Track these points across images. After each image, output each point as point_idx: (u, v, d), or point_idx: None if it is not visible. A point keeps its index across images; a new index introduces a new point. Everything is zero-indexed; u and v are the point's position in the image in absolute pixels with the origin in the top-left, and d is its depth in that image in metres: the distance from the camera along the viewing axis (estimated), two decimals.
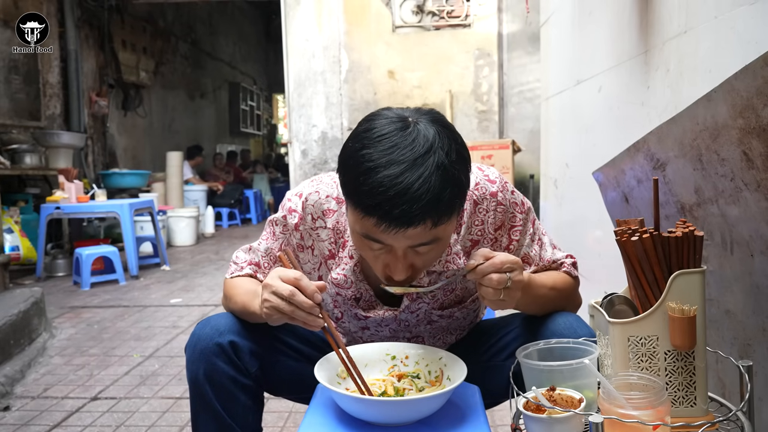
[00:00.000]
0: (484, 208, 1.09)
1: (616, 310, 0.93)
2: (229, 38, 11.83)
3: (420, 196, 0.85)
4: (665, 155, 1.44)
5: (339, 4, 5.34)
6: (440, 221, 0.89)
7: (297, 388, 1.18)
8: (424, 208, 0.86)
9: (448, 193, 0.88)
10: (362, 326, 1.18)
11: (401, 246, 0.92)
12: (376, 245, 0.94)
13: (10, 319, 2.80)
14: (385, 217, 0.86)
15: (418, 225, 0.87)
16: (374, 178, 0.86)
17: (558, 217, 2.89)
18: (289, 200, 1.15)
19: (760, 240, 1.11)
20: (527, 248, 1.13)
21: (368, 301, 1.14)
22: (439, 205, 0.87)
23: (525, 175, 5.03)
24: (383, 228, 0.88)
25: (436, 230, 0.90)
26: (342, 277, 1.12)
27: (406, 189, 0.85)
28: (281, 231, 1.15)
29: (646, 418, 0.75)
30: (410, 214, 0.85)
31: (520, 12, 5.16)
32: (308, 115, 5.48)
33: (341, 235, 1.11)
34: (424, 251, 0.94)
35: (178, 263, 5.61)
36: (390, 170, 0.86)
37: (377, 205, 0.86)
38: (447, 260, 1.09)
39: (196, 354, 1.06)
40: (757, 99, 1.03)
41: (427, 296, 1.12)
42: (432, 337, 1.22)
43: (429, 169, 0.86)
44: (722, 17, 1.15)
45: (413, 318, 1.15)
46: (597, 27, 2.06)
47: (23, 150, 5.22)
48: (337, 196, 1.11)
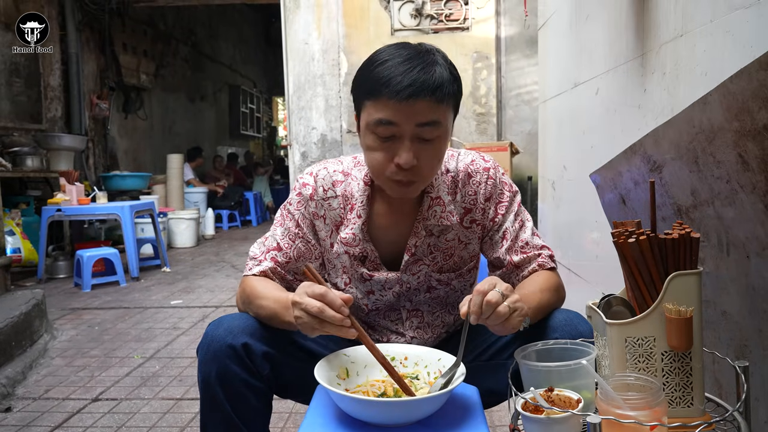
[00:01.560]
0: (477, 180, 1.20)
1: (614, 312, 0.94)
2: (229, 41, 11.85)
3: (425, 74, 1.00)
4: (662, 157, 1.45)
5: (338, 8, 5.36)
6: (443, 100, 1.02)
7: (305, 389, 1.18)
8: (429, 83, 1.00)
9: (447, 79, 1.03)
10: (367, 290, 1.23)
11: (409, 126, 1.02)
12: (387, 131, 1.03)
13: (12, 320, 2.81)
14: (397, 87, 0.99)
15: (424, 96, 1.00)
16: (386, 65, 1.02)
17: (555, 218, 2.90)
18: (301, 178, 1.25)
19: (756, 241, 1.12)
20: (509, 224, 1.20)
21: (373, 262, 1.21)
22: (442, 86, 1.02)
23: (523, 177, 5.04)
24: (395, 100, 0.99)
25: (438, 111, 1.03)
26: (350, 235, 1.19)
27: (413, 68, 1.00)
28: (296, 206, 1.22)
29: (644, 419, 0.76)
30: (417, 84, 0.99)
31: (518, 15, 5.18)
32: (308, 117, 5.50)
33: (349, 200, 1.20)
34: (428, 137, 1.04)
35: (178, 265, 5.62)
36: (398, 59, 1.02)
37: (389, 80, 1.00)
38: (441, 216, 1.18)
39: (209, 355, 1.06)
40: (753, 102, 1.04)
41: (427, 258, 1.20)
42: (431, 312, 1.26)
43: (431, 60, 1.03)
44: (718, 21, 1.16)
45: (414, 280, 1.21)
46: (594, 30, 2.07)
47: (24, 152, 5.23)
48: (342, 170, 1.23)
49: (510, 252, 1.20)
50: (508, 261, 1.19)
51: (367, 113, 1.05)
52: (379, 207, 1.20)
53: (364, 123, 1.07)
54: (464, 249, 1.22)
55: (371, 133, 1.06)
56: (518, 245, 1.20)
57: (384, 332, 1.28)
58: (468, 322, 0.96)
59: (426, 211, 1.18)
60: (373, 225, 1.20)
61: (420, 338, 1.25)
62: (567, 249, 2.70)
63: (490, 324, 0.95)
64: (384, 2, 5.34)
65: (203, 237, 7.46)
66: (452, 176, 1.20)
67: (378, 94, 1.02)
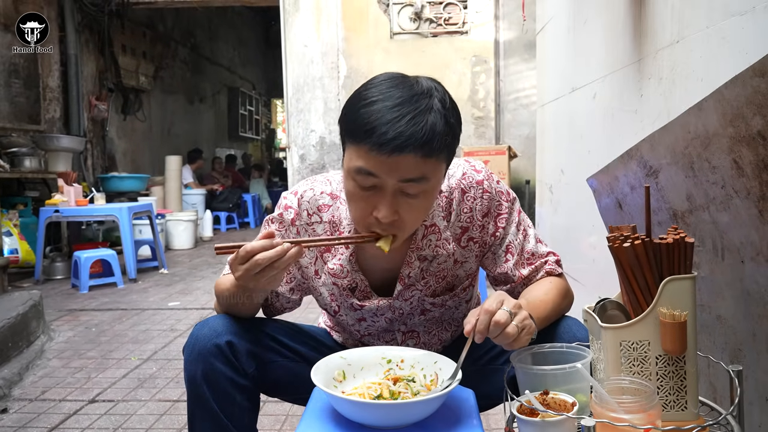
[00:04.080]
0: (471, 196, 1.13)
1: (609, 315, 0.94)
2: (228, 43, 11.86)
3: (414, 125, 0.90)
4: (658, 162, 1.46)
5: (338, 11, 5.38)
6: (431, 154, 0.93)
7: (293, 389, 1.19)
8: (417, 137, 0.90)
9: (440, 132, 0.93)
10: (358, 317, 1.20)
11: (392, 180, 0.94)
12: (368, 182, 0.96)
13: (9, 321, 2.80)
14: (380, 139, 0.90)
15: (410, 152, 0.90)
16: (372, 108, 0.92)
17: (553, 222, 2.91)
18: (285, 198, 1.18)
19: (751, 246, 1.13)
20: (512, 237, 1.15)
21: (363, 291, 1.16)
22: (433, 138, 0.92)
23: (521, 180, 5.05)
24: (376, 152, 0.91)
25: (426, 166, 0.94)
26: (338, 267, 1.14)
27: (402, 117, 0.90)
28: (277, 228, 1.17)
29: (638, 422, 0.76)
30: (403, 137, 0.90)
31: (516, 20, 5.20)
32: (306, 120, 5.51)
33: (336, 227, 1.14)
34: (412, 193, 0.96)
35: (176, 267, 5.62)
36: (388, 102, 0.92)
37: (373, 129, 0.91)
38: (437, 245, 1.12)
39: (194, 355, 1.06)
40: (747, 108, 1.05)
41: (419, 283, 1.14)
42: (427, 332, 1.24)
43: (425, 106, 0.92)
44: (714, 27, 1.17)
45: (407, 306, 1.17)
46: (592, 35, 2.08)
47: (23, 153, 5.23)
48: (331, 192, 1.16)
49: (518, 267, 1.15)
50: (518, 276, 1.15)
51: (349, 157, 0.98)
52: None
53: (346, 166, 0.99)
54: (460, 268, 1.17)
55: (351, 179, 0.98)
56: (525, 257, 1.16)
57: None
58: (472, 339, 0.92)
59: (420, 240, 1.12)
60: (362, 254, 1.14)
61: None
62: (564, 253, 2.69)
63: (498, 342, 0.92)
64: (383, 6, 5.36)
65: (201, 239, 7.45)
66: (446, 197, 1.13)
67: (360, 141, 0.93)
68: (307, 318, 3.38)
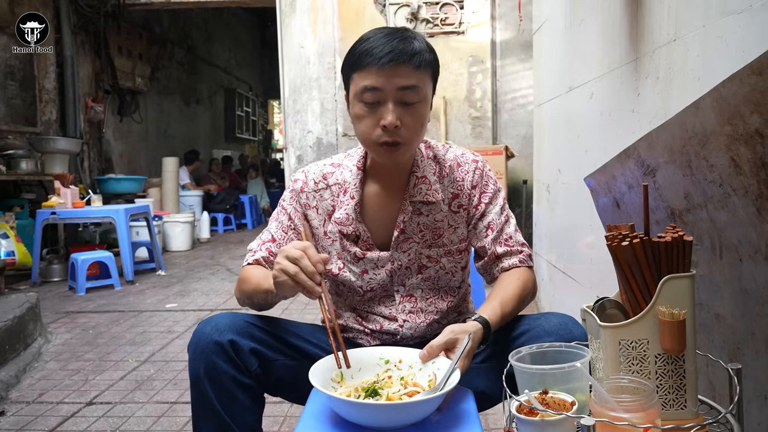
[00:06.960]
0: (465, 170, 1.29)
1: (608, 314, 0.94)
2: (224, 44, 11.84)
3: (404, 44, 1.11)
4: (655, 161, 1.46)
5: (334, 12, 5.37)
6: (421, 66, 1.12)
7: (296, 388, 1.20)
8: (407, 51, 1.11)
9: (424, 50, 1.14)
10: (361, 270, 1.28)
11: (391, 89, 1.11)
12: (372, 97, 1.12)
13: (6, 324, 2.79)
14: (379, 54, 1.10)
15: (403, 62, 1.10)
16: (369, 41, 1.14)
17: (550, 221, 2.91)
18: (293, 176, 1.34)
19: (749, 245, 1.13)
20: (495, 215, 1.28)
21: (365, 242, 1.27)
22: (420, 53, 1.12)
23: (518, 180, 5.06)
24: (377, 66, 1.10)
25: (417, 75, 1.13)
26: (344, 215, 1.26)
27: (393, 40, 1.12)
28: (289, 201, 1.31)
29: (637, 421, 0.76)
30: (397, 50, 1.10)
31: (513, 20, 5.20)
32: (303, 121, 5.50)
33: (342, 186, 1.29)
34: (409, 101, 1.13)
35: (173, 268, 5.60)
36: (380, 34, 1.14)
37: (371, 50, 1.11)
38: (427, 192, 1.26)
39: (197, 352, 1.08)
40: (744, 106, 1.05)
41: (416, 236, 1.27)
42: (424, 298, 1.29)
43: (410, 35, 1.15)
44: (710, 26, 1.17)
45: (405, 258, 1.27)
46: (588, 35, 2.08)
47: (19, 155, 5.21)
48: (333, 163, 1.33)
49: (495, 243, 1.28)
50: (492, 251, 1.27)
51: (354, 84, 1.15)
52: (371, 189, 1.28)
53: (353, 94, 1.17)
54: (453, 233, 1.29)
55: (358, 102, 1.15)
56: (503, 237, 1.28)
57: (376, 320, 1.29)
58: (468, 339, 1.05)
59: (412, 188, 1.26)
60: (365, 207, 1.28)
61: (412, 322, 1.27)
62: (562, 252, 2.71)
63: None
64: (380, 6, 5.36)
65: (198, 240, 7.44)
66: (440, 162, 1.30)
67: (362, 64, 1.12)
68: (307, 318, 3.37)
